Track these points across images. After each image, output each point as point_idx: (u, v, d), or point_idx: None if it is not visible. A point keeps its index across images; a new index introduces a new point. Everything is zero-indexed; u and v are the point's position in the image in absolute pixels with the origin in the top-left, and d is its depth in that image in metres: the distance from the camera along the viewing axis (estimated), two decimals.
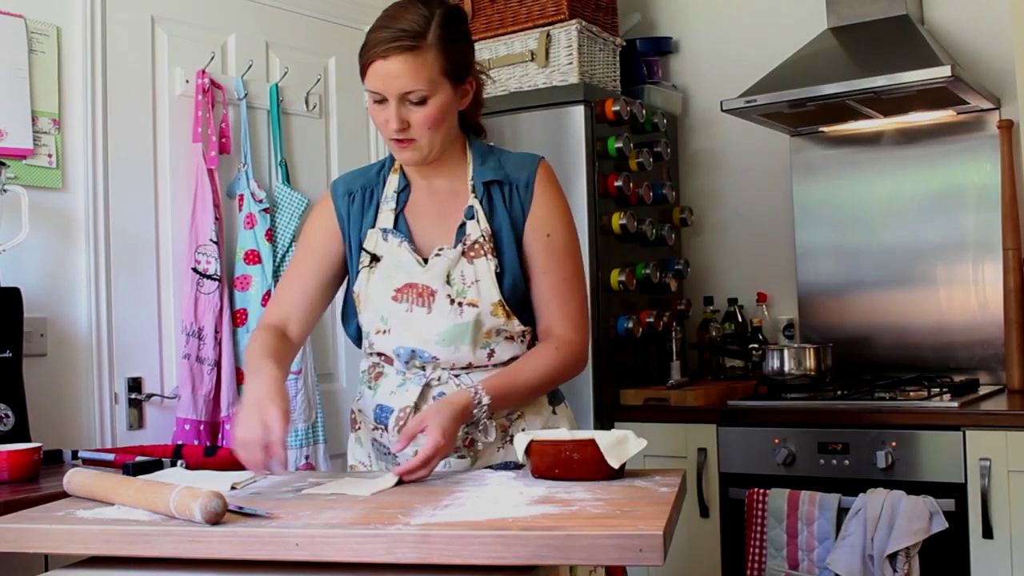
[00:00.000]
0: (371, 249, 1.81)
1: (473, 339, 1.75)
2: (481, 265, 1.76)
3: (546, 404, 1.87)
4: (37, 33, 2.52)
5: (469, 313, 1.74)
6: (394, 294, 1.77)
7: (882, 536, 2.49)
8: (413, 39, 1.68)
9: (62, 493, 1.55)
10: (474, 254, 1.77)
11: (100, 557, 1.31)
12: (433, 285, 1.75)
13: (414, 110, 1.71)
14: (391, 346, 1.78)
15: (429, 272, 1.76)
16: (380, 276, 1.79)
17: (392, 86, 1.69)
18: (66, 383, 2.53)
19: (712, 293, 3.54)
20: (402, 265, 1.78)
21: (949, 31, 3.22)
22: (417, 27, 1.69)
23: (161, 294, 2.76)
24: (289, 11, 3.15)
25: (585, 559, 1.16)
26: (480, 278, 1.76)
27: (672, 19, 3.73)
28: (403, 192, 1.85)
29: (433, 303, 1.75)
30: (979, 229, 3.14)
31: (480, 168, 1.83)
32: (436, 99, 1.72)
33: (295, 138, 3.13)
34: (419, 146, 1.75)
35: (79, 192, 2.59)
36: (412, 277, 1.77)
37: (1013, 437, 2.47)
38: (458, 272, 1.76)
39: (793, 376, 3.02)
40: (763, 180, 3.55)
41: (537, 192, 1.81)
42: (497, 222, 1.80)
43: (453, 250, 1.77)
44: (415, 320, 1.76)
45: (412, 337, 1.76)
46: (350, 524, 1.25)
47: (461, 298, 1.75)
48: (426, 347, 1.76)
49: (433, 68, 1.70)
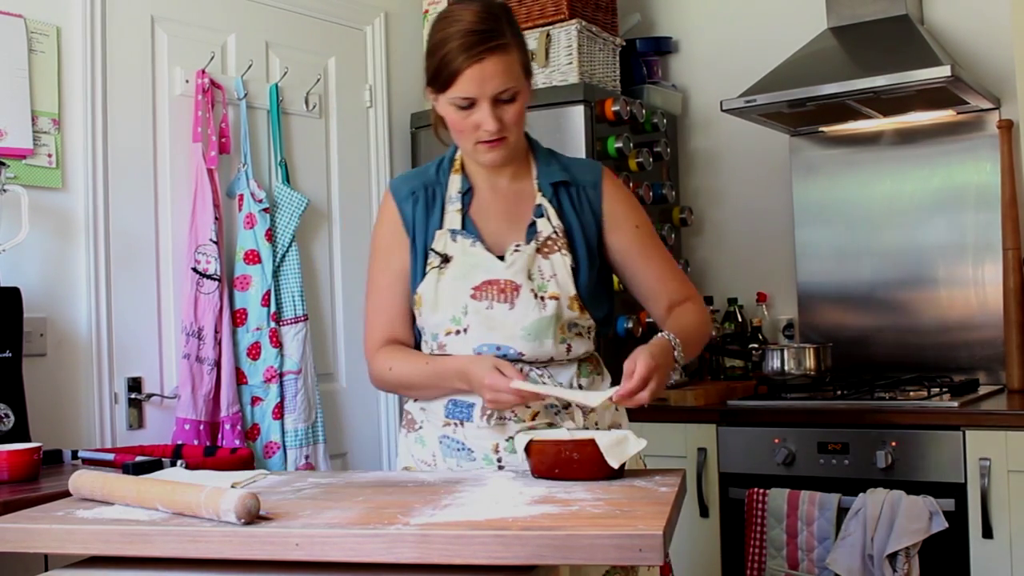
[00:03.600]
0: (441, 250, 1.82)
1: (554, 333, 1.79)
2: (557, 260, 1.81)
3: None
4: (37, 33, 2.51)
5: (551, 306, 1.78)
6: (473, 292, 1.78)
7: (882, 536, 2.49)
8: (500, 38, 1.72)
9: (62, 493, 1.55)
10: (547, 250, 1.81)
11: (100, 557, 1.31)
12: (517, 280, 1.78)
13: (506, 109, 1.76)
14: (472, 345, 1.79)
15: (512, 268, 1.79)
16: (453, 276, 1.80)
17: (488, 88, 1.73)
18: (66, 383, 2.53)
19: (712, 293, 3.54)
20: (480, 263, 1.80)
21: (949, 31, 3.22)
22: (496, 27, 1.73)
23: (161, 294, 2.75)
24: (289, 11, 3.15)
25: (585, 559, 1.17)
26: (557, 272, 1.80)
27: (672, 19, 3.73)
28: (467, 193, 1.87)
29: (517, 298, 1.77)
30: (979, 229, 3.14)
31: (546, 169, 1.88)
32: (522, 95, 1.78)
33: (295, 138, 3.13)
34: (508, 144, 1.80)
35: (79, 192, 2.59)
36: (492, 274, 1.79)
37: (1013, 437, 2.47)
38: (536, 267, 1.80)
39: (793, 376, 3.03)
40: (763, 180, 3.55)
41: (608, 192, 1.90)
42: (567, 220, 1.85)
43: (528, 246, 1.81)
44: (496, 317, 1.77)
45: (496, 334, 1.78)
46: (350, 524, 1.25)
47: (543, 292, 1.79)
48: (511, 343, 1.77)
49: (517, 65, 1.76)
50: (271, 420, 2.84)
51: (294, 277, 2.93)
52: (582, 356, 1.86)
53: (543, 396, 1.71)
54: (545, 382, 1.79)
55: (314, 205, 3.13)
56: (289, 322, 2.90)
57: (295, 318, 2.91)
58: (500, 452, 1.77)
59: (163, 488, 1.37)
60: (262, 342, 2.85)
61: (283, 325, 2.89)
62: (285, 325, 2.89)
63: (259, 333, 2.84)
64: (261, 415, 2.85)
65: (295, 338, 2.90)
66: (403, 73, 3.49)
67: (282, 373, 2.87)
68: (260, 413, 2.85)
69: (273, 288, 2.87)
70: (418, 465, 1.88)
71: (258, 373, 2.85)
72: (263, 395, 2.85)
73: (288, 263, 2.93)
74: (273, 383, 2.85)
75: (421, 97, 3.50)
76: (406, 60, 3.50)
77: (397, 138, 3.45)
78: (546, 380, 1.79)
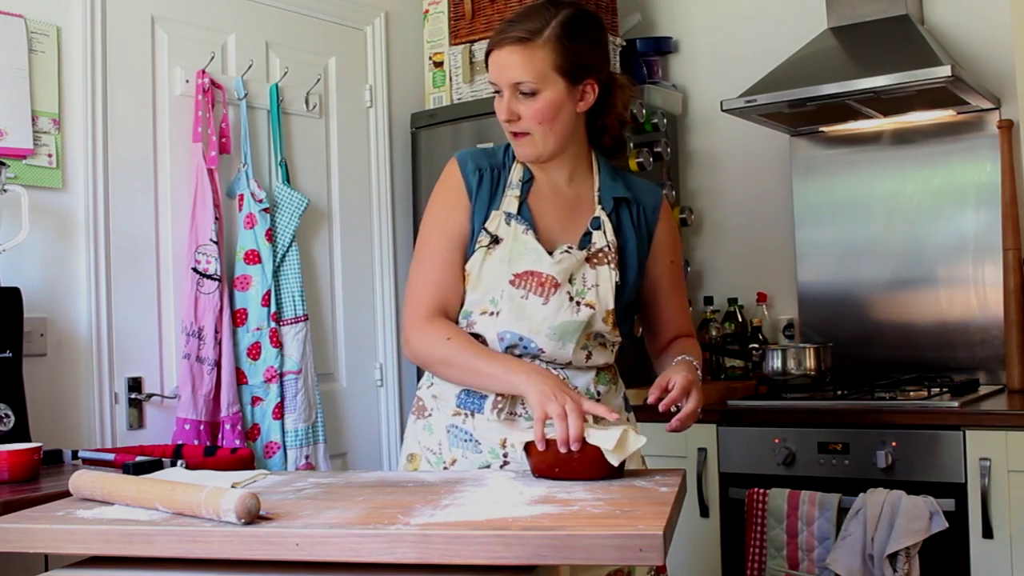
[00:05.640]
0: (493, 230, 1.82)
1: (579, 339, 1.79)
2: (604, 273, 1.82)
3: (623, 409, 1.94)
4: (37, 33, 2.52)
5: (584, 313, 1.79)
6: (512, 278, 1.79)
7: (882, 536, 2.49)
8: (528, 33, 1.75)
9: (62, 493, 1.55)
10: (597, 261, 1.82)
11: (100, 557, 1.31)
12: (559, 278, 1.79)
13: (525, 103, 1.77)
14: (497, 329, 1.79)
15: (558, 265, 1.79)
16: (499, 258, 1.80)
17: (503, 76, 1.77)
18: (66, 383, 2.53)
19: (712, 293, 3.54)
20: (527, 252, 1.80)
21: (949, 31, 3.22)
22: (536, 24, 1.76)
23: (161, 294, 2.75)
24: (289, 11, 3.15)
25: (585, 559, 1.17)
26: (600, 283, 1.81)
27: (672, 19, 3.73)
28: (528, 183, 1.88)
29: (553, 295, 1.78)
30: (979, 229, 3.14)
31: (610, 183, 1.90)
32: (546, 94, 1.77)
33: (295, 138, 3.13)
34: (532, 140, 1.80)
35: (79, 192, 2.59)
36: (537, 266, 1.79)
37: (1013, 437, 2.47)
38: (580, 274, 1.81)
39: (793, 376, 3.02)
40: (763, 180, 3.55)
41: (663, 220, 1.95)
42: (624, 237, 1.87)
43: (580, 252, 1.82)
44: (529, 308, 1.78)
45: (523, 324, 1.78)
46: (350, 524, 1.25)
47: (580, 298, 1.80)
48: (535, 337, 1.78)
49: (545, 63, 1.75)
50: (271, 420, 2.84)
51: (294, 277, 2.93)
52: (601, 365, 1.87)
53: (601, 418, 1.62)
54: None
55: (314, 205, 3.13)
56: (289, 322, 2.90)
57: (295, 318, 2.91)
58: (507, 448, 1.78)
59: (163, 488, 1.37)
60: (262, 342, 2.85)
61: (283, 325, 2.89)
62: (285, 325, 2.90)
63: (259, 333, 2.84)
64: (261, 415, 2.85)
65: (295, 338, 2.90)
66: (403, 73, 3.49)
67: (282, 373, 2.87)
68: (260, 413, 2.85)
69: (273, 288, 2.87)
70: (423, 452, 1.88)
71: (258, 373, 2.85)
72: (263, 395, 2.85)
73: (288, 263, 2.93)
74: (273, 383, 2.85)
75: (421, 97, 3.51)
76: (406, 60, 3.50)
77: (397, 138, 3.45)
78: None
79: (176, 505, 1.33)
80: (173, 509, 1.34)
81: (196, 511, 1.30)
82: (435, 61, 3.44)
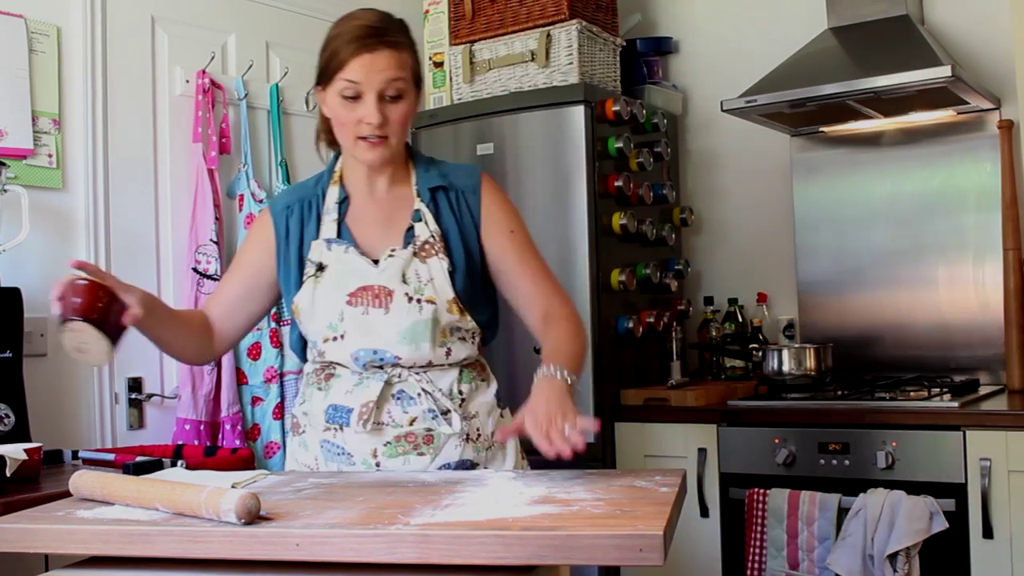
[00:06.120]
0: (316, 259, 1.83)
1: (432, 336, 1.79)
2: (434, 264, 1.81)
3: (496, 406, 1.90)
4: (37, 33, 2.52)
5: (428, 310, 1.78)
6: (348, 299, 1.79)
7: (882, 536, 2.49)
8: (396, 36, 1.79)
9: (62, 493, 1.55)
10: (425, 254, 1.82)
11: (100, 557, 1.31)
12: (390, 285, 1.78)
13: (390, 107, 1.78)
14: (347, 351, 1.80)
15: (384, 273, 1.79)
16: (329, 284, 1.81)
17: (376, 78, 1.75)
18: (66, 383, 2.53)
19: (712, 293, 3.54)
20: (354, 270, 1.80)
21: (949, 31, 3.22)
22: (391, 28, 1.80)
23: (161, 294, 2.75)
24: (289, 11, 3.15)
25: (585, 559, 1.16)
26: (434, 276, 1.81)
27: (672, 19, 3.73)
28: (343, 203, 1.89)
29: (391, 302, 1.78)
30: (979, 229, 3.14)
31: (425, 175, 1.90)
32: (409, 98, 1.82)
33: (295, 138, 3.13)
34: (389, 144, 1.81)
35: (79, 192, 2.59)
36: (366, 280, 1.79)
37: (1013, 437, 2.47)
38: (412, 271, 1.80)
39: (793, 376, 3.02)
40: (763, 180, 3.55)
41: (486, 196, 1.90)
42: (445, 224, 1.86)
43: (405, 251, 1.81)
44: (373, 322, 1.78)
45: (373, 339, 1.78)
46: (350, 524, 1.25)
47: (419, 295, 1.79)
48: (388, 347, 1.78)
49: (408, 68, 1.80)
50: (271, 420, 2.84)
51: None
52: (463, 361, 1.85)
53: None
54: (424, 388, 1.79)
55: None
56: (289, 322, 2.90)
57: None
58: (378, 457, 1.78)
59: (163, 488, 1.37)
60: (262, 342, 2.85)
61: (283, 325, 2.89)
62: (285, 325, 2.89)
63: (259, 333, 2.84)
64: (261, 415, 2.85)
65: None
66: None
67: (282, 373, 2.87)
68: (260, 413, 2.85)
69: None
70: (301, 469, 1.89)
71: (258, 373, 2.85)
72: (263, 395, 2.85)
73: None
74: (273, 383, 2.85)
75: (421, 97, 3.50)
76: None
77: None
78: (425, 386, 1.79)
79: (176, 505, 1.33)
80: (173, 509, 1.34)
81: (196, 511, 1.30)
82: (435, 61, 3.44)
